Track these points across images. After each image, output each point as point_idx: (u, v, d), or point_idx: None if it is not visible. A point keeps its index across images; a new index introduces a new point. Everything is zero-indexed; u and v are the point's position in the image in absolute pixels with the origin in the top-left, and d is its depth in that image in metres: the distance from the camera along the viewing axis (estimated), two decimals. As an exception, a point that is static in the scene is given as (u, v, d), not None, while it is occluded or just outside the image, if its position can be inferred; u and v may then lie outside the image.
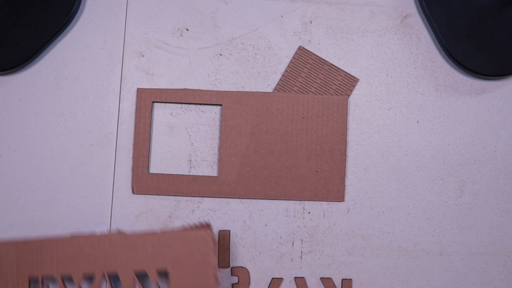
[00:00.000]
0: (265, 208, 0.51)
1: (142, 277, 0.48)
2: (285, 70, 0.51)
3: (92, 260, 0.46)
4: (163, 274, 0.47)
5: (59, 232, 0.50)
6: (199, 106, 0.51)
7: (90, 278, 0.48)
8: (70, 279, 0.47)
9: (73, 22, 0.52)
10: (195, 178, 0.50)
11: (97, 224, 0.51)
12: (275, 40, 0.52)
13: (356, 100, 0.52)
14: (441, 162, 0.51)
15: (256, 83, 0.52)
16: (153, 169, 0.51)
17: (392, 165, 0.51)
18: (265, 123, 0.51)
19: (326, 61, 0.52)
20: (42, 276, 0.47)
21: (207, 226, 0.47)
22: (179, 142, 0.51)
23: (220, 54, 0.52)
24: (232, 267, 0.50)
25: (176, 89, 0.51)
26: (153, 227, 0.51)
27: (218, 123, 0.51)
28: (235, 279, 0.50)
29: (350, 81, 0.51)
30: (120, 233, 0.47)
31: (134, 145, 0.50)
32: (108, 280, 0.47)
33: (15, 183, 0.50)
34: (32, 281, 0.47)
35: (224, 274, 0.50)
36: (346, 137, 0.51)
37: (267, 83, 0.52)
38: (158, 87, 0.51)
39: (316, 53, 0.52)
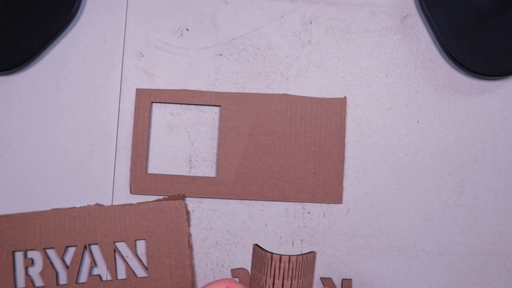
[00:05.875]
0: (265, 208, 0.51)
1: (120, 247, 0.50)
2: None
3: (73, 232, 0.49)
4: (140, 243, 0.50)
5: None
6: (199, 106, 0.51)
7: (72, 250, 0.50)
8: (53, 251, 0.49)
9: (73, 22, 0.52)
10: (193, 178, 0.50)
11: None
12: (275, 40, 0.52)
13: (356, 100, 0.52)
14: (441, 162, 0.51)
15: (256, 83, 0.52)
16: (153, 169, 0.51)
17: (392, 165, 0.51)
18: (263, 124, 0.51)
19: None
20: (25, 249, 0.49)
21: (180, 197, 0.50)
22: (179, 142, 0.51)
23: (220, 54, 0.52)
24: (232, 269, 0.50)
25: (175, 90, 0.51)
26: (153, 227, 0.51)
27: (218, 123, 0.51)
28: (237, 281, 0.50)
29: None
30: (99, 206, 0.50)
31: (132, 145, 0.50)
32: (89, 251, 0.49)
33: (15, 183, 0.50)
34: (16, 254, 0.49)
35: (224, 276, 0.50)
36: (344, 139, 0.51)
37: (267, 83, 0.52)
38: (158, 87, 0.51)
39: (316, 53, 0.52)
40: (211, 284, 0.39)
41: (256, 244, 0.37)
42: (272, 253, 0.35)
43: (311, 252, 0.37)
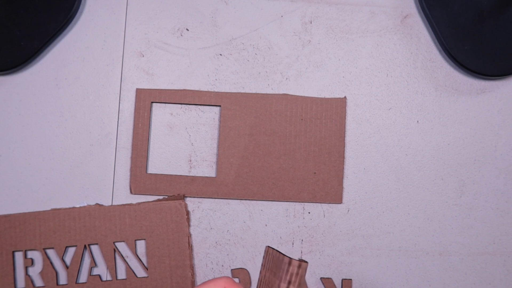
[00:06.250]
0: (265, 208, 0.51)
1: (120, 247, 0.50)
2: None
3: (73, 232, 0.49)
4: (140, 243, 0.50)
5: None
6: (199, 106, 0.51)
7: (72, 250, 0.50)
8: (52, 251, 0.49)
9: (73, 22, 0.52)
10: (193, 178, 0.50)
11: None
12: (275, 40, 0.52)
13: (356, 100, 0.52)
14: (441, 162, 0.51)
15: (256, 83, 0.52)
16: (152, 169, 0.51)
17: (392, 165, 0.51)
18: (263, 124, 0.51)
19: None
20: (25, 249, 0.49)
21: (180, 197, 0.50)
22: (179, 142, 0.51)
23: (220, 54, 0.52)
24: (232, 269, 0.50)
25: (175, 90, 0.51)
26: (153, 227, 0.51)
27: (218, 123, 0.51)
28: (235, 281, 0.50)
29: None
30: (99, 206, 0.50)
31: (132, 145, 0.50)
32: (89, 251, 0.49)
33: (15, 183, 0.50)
34: (16, 254, 0.49)
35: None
36: (344, 139, 0.51)
37: (267, 83, 0.52)
38: (158, 87, 0.51)
39: (316, 53, 0.52)
40: (208, 282, 0.39)
41: (270, 247, 0.37)
42: (290, 258, 0.35)
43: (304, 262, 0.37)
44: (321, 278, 0.50)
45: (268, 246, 0.37)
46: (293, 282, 0.35)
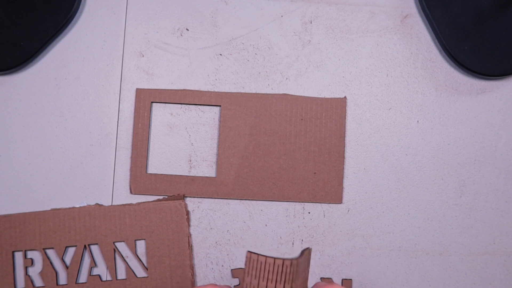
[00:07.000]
0: (265, 208, 0.51)
1: (120, 247, 0.50)
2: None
3: (73, 232, 0.49)
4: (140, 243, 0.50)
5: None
6: (199, 106, 0.51)
7: (72, 250, 0.50)
8: (52, 251, 0.49)
9: (73, 22, 0.52)
10: (193, 178, 0.50)
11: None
12: (275, 40, 0.52)
13: (356, 100, 0.52)
14: (441, 162, 0.51)
15: (256, 83, 0.52)
16: (152, 169, 0.51)
17: (392, 165, 0.51)
18: (263, 124, 0.51)
19: None
20: (25, 249, 0.49)
21: (180, 197, 0.50)
22: (179, 142, 0.51)
23: (220, 54, 0.52)
24: (232, 269, 0.50)
25: (175, 90, 0.51)
26: (153, 227, 0.51)
27: (218, 123, 0.51)
28: (235, 281, 0.50)
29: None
30: (99, 206, 0.50)
31: (132, 145, 0.50)
32: (89, 251, 0.49)
33: (15, 183, 0.50)
34: (16, 254, 0.49)
35: (224, 276, 0.50)
36: (344, 139, 0.51)
37: (267, 83, 0.52)
38: (158, 87, 0.51)
39: (316, 53, 0.52)
40: None
41: (252, 252, 0.36)
42: (283, 259, 0.34)
43: (306, 249, 0.37)
44: (321, 278, 0.50)
45: (250, 252, 0.36)
46: (288, 280, 0.35)
